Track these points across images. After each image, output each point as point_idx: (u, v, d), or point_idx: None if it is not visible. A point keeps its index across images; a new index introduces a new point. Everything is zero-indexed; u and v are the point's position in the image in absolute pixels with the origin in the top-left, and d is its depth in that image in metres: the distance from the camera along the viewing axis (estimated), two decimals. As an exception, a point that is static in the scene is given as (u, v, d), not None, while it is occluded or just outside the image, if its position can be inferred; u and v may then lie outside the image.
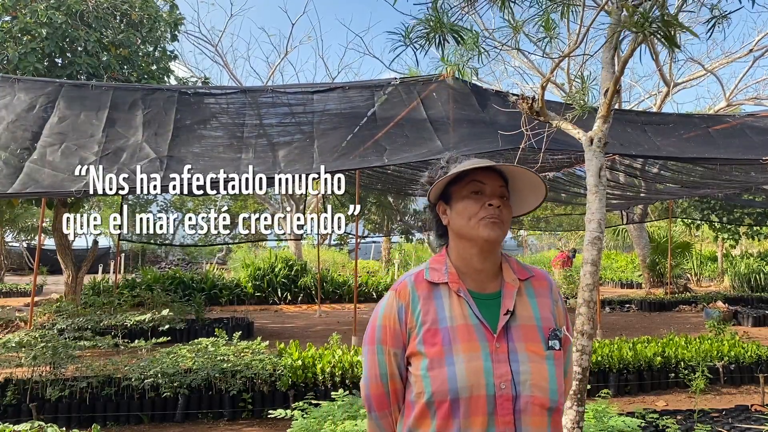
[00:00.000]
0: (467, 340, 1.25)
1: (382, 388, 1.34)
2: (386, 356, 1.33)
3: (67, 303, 9.37)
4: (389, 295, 1.36)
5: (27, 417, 4.56)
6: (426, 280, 1.34)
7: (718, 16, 2.58)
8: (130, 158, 5.52)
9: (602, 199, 2.57)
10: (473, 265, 1.34)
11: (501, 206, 1.32)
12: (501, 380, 1.22)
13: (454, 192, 1.36)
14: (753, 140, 6.69)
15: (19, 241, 27.00)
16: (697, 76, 16.87)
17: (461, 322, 1.27)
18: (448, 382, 1.22)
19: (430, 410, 1.25)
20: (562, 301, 1.42)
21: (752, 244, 22.18)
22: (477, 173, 1.35)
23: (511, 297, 1.31)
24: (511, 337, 1.27)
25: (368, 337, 1.38)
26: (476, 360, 1.23)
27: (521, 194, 1.43)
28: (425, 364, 1.26)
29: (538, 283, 1.38)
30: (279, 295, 14.73)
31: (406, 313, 1.31)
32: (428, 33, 2.59)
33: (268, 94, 6.53)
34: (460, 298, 1.30)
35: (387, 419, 1.36)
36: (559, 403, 1.27)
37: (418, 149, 5.83)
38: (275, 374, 5.22)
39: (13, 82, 6.23)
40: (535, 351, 1.27)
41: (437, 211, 1.42)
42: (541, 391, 1.24)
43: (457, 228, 1.35)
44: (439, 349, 1.25)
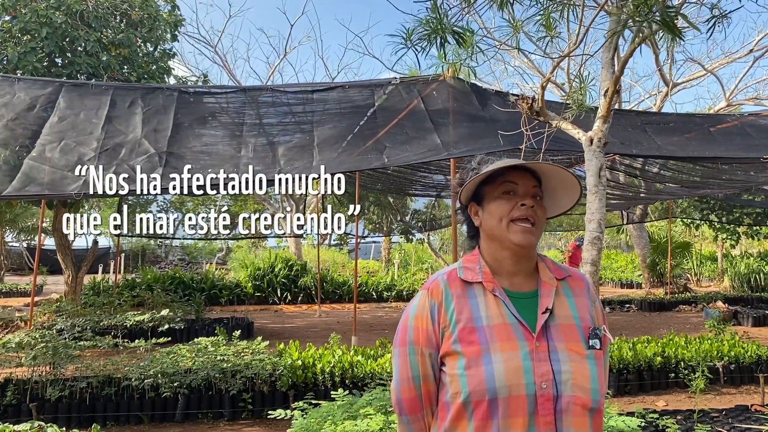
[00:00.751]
0: (506, 339, 1.22)
1: (415, 390, 1.30)
2: (419, 357, 1.29)
3: (67, 303, 9.37)
4: (420, 295, 1.33)
5: (27, 417, 4.56)
6: (460, 278, 1.31)
7: (718, 15, 2.58)
8: (129, 154, 5.51)
9: (602, 199, 2.57)
10: (507, 267, 1.32)
11: (534, 206, 1.30)
12: (542, 380, 1.19)
13: (486, 192, 1.34)
14: (753, 139, 6.69)
15: (19, 241, 26.99)
16: (697, 76, 16.87)
17: (499, 321, 1.24)
18: (486, 382, 1.19)
19: (467, 411, 1.21)
20: (599, 302, 1.39)
21: (752, 244, 22.18)
22: (509, 173, 1.32)
23: (549, 296, 1.28)
24: (551, 336, 1.24)
25: (399, 339, 1.33)
26: (515, 359, 1.20)
27: (555, 194, 1.40)
28: (462, 363, 1.22)
29: (575, 283, 1.35)
30: (279, 295, 14.73)
31: (439, 312, 1.28)
32: (429, 35, 2.59)
33: (267, 93, 6.53)
34: (496, 298, 1.27)
35: (419, 423, 1.32)
36: (600, 403, 1.24)
37: (419, 149, 5.83)
38: (275, 374, 5.21)
39: (13, 81, 6.23)
40: (576, 350, 1.24)
41: (469, 213, 1.39)
42: (583, 392, 1.21)
43: (489, 229, 1.32)
44: (477, 348, 1.22)
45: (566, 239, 30.90)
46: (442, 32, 2.58)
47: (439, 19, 2.55)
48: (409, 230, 16.71)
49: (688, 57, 15.88)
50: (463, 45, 2.75)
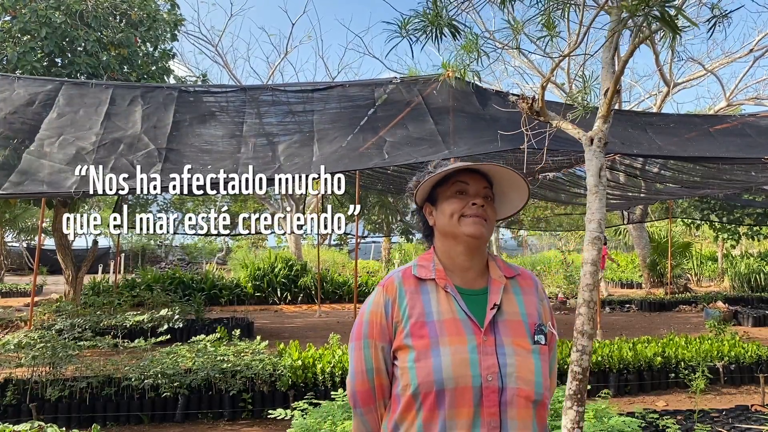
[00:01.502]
0: (455, 333, 1.28)
1: (368, 383, 1.35)
2: (372, 350, 1.35)
3: (67, 303, 9.37)
4: (376, 291, 1.39)
5: (27, 417, 4.56)
6: (413, 276, 1.37)
7: (719, 15, 2.58)
8: (128, 149, 5.49)
9: (602, 199, 2.56)
10: (459, 263, 1.38)
11: (485, 205, 1.36)
12: (488, 372, 1.24)
13: (439, 193, 1.41)
14: (754, 140, 6.69)
15: (19, 241, 26.98)
16: (697, 76, 16.87)
17: (449, 316, 1.30)
18: (434, 373, 1.24)
19: (416, 402, 1.26)
20: (547, 300, 1.45)
21: (752, 244, 22.17)
22: (461, 174, 1.39)
23: (497, 292, 1.34)
24: (498, 331, 1.29)
25: (355, 333, 1.39)
26: (463, 352, 1.25)
27: (505, 196, 1.47)
28: (412, 356, 1.27)
29: (524, 281, 1.41)
30: (279, 295, 14.72)
31: (393, 308, 1.33)
32: (425, 26, 2.58)
33: (267, 92, 6.52)
34: (447, 294, 1.33)
35: (372, 415, 1.37)
36: (544, 396, 1.29)
37: (419, 149, 5.82)
38: (275, 374, 5.21)
39: (13, 80, 6.22)
40: (521, 345, 1.29)
41: (424, 213, 1.46)
42: (527, 384, 1.26)
43: (442, 226, 1.39)
44: (426, 341, 1.27)
45: (566, 239, 30.88)
46: (438, 24, 2.58)
47: (437, 11, 2.54)
48: (409, 230, 16.70)
49: (688, 57, 15.85)
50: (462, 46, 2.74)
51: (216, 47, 20.74)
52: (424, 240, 1.50)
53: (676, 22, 2.10)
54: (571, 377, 2.51)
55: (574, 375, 2.50)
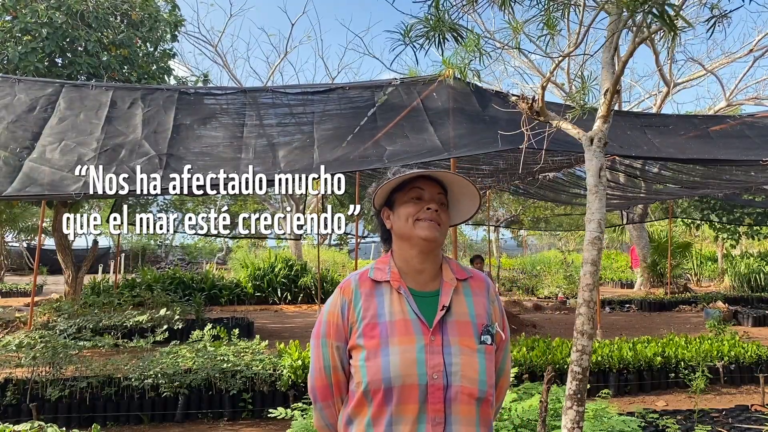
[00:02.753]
0: (404, 333, 1.34)
1: (326, 380, 1.43)
2: (330, 349, 1.42)
3: (67, 303, 9.37)
4: (335, 293, 1.46)
5: (27, 417, 4.56)
6: (370, 278, 1.43)
7: (719, 15, 2.58)
8: (129, 155, 5.51)
9: (602, 199, 2.57)
10: (414, 266, 1.43)
11: (438, 210, 1.42)
12: (434, 371, 1.30)
13: (397, 198, 1.47)
14: (753, 141, 6.69)
15: (19, 241, 27.00)
16: (697, 76, 16.88)
17: (400, 317, 1.36)
18: (382, 372, 1.30)
19: (366, 398, 1.33)
20: (499, 302, 1.51)
21: (752, 244, 22.17)
22: (417, 181, 1.45)
23: (447, 294, 1.40)
24: (446, 331, 1.35)
25: (315, 332, 1.46)
26: (410, 352, 1.31)
27: (459, 203, 1.53)
28: (363, 355, 1.34)
29: (475, 283, 1.47)
30: (279, 295, 14.72)
31: (349, 309, 1.40)
32: (428, 32, 2.59)
33: (268, 94, 6.53)
34: (400, 295, 1.39)
35: (330, 409, 1.45)
36: (488, 393, 1.36)
37: (419, 149, 5.82)
38: (275, 374, 5.21)
39: (14, 82, 6.22)
40: (467, 345, 1.35)
41: (382, 217, 1.51)
42: (471, 382, 1.32)
43: (398, 229, 1.44)
44: (377, 341, 1.34)
45: (566, 239, 30.88)
46: (441, 30, 2.58)
47: (439, 16, 2.55)
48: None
49: (688, 57, 15.87)
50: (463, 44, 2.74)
51: (216, 47, 20.77)
52: (381, 243, 1.56)
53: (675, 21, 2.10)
54: (571, 377, 2.52)
55: (574, 375, 2.51)
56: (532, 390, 4.06)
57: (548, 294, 16.00)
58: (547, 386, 2.98)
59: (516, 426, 3.29)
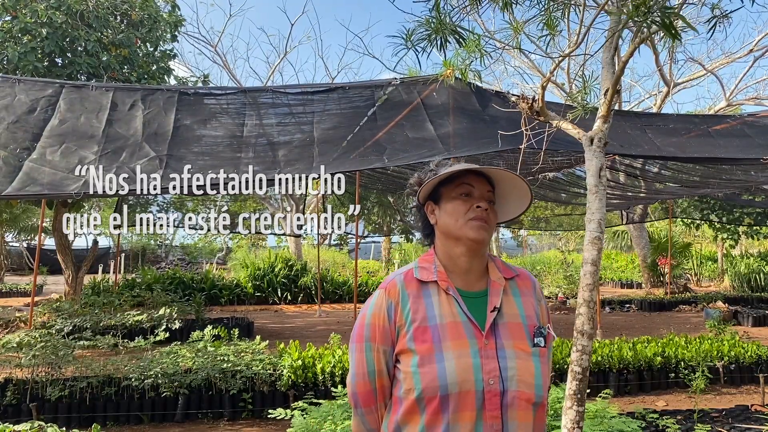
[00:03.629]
0: (456, 337, 1.29)
1: (370, 385, 1.36)
2: (374, 353, 1.35)
3: (67, 303, 9.37)
4: (378, 294, 1.39)
5: (27, 417, 4.56)
6: (415, 278, 1.37)
7: (719, 15, 2.58)
8: (130, 157, 5.51)
9: (602, 199, 2.57)
10: (460, 265, 1.38)
11: (488, 209, 1.37)
12: (489, 376, 1.26)
13: (444, 193, 1.41)
14: (753, 140, 6.69)
15: (19, 241, 26.99)
16: (697, 76, 16.87)
17: (450, 319, 1.31)
18: (438, 379, 1.25)
19: (419, 406, 1.27)
20: (544, 300, 1.46)
21: (752, 244, 22.17)
22: (467, 176, 1.40)
23: (497, 294, 1.35)
24: (499, 334, 1.31)
25: (356, 335, 1.40)
26: (465, 357, 1.26)
27: (507, 200, 1.48)
28: (415, 360, 1.28)
29: (522, 282, 1.42)
30: (279, 295, 14.72)
31: (396, 311, 1.34)
32: (429, 35, 2.59)
33: (268, 94, 6.53)
34: (449, 296, 1.34)
35: (373, 415, 1.39)
36: (544, 398, 1.31)
37: (419, 149, 5.82)
38: (275, 374, 5.21)
39: (14, 82, 6.22)
40: (521, 348, 1.31)
41: (425, 211, 1.46)
42: (527, 387, 1.28)
43: (445, 227, 1.39)
44: (429, 346, 1.28)
45: (566, 239, 30.88)
46: (442, 32, 2.58)
47: (440, 19, 2.55)
48: (409, 230, 16.70)
49: (688, 57, 15.87)
50: (465, 46, 2.74)
51: (215, 48, 20.79)
52: (423, 238, 1.50)
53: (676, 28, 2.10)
54: (571, 377, 2.52)
55: (574, 375, 2.51)
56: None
57: (548, 294, 16.01)
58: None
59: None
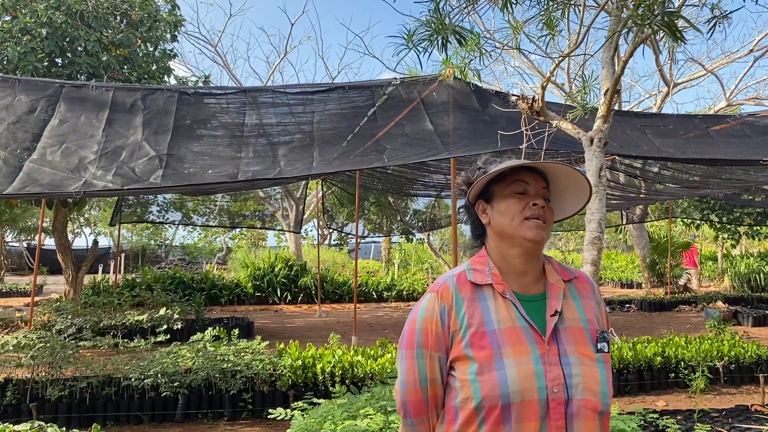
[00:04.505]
0: (517, 343, 1.22)
1: (421, 393, 1.29)
2: (427, 360, 1.28)
3: (67, 303, 9.37)
4: (429, 297, 1.31)
5: (27, 417, 4.56)
6: (469, 281, 1.30)
7: (719, 15, 2.58)
8: (130, 157, 5.52)
9: (602, 199, 2.57)
10: (516, 267, 1.31)
11: (545, 207, 1.30)
12: (554, 384, 1.19)
13: (496, 191, 1.34)
14: (753, 140, 6.69)
15: (19, 241, 27.00)
16: (697, 76, 16.88)
17: (509, 324, 1.24)
18: (499, 387, 1.18)
19: (478, 416, 1.20)
20: (603, 303, 1.39)
21: (752, 244, 22.18)
22: (521, 173, 1.33)
23: (557, 298, 1.28)
24: (561, 340, 1.24)
25: (406, 341, 1.32)
26: (527, 364, 1.20)
27: (563, 197, 1.40)
28: (474, 368, 1.21)
29: (581, 285, 1.35)
30: (279, 295, 14.72)
31: (449, 316, 1.27)
32: (430, 35, 2.59)
33: (268, 94, 6.53)
34: (506, 300, 1.27)
35: (424, 425, 1.32)
36: (609, 406, 1.25)
37: (419, 149, 5.83)
38: (275, 374, 5.21)
39: (14, 83, 6.22)
40: (585, 354, 1.24)
41: (476, 210, 1.39)
42: (593, 395, 1.21)
43: (499, 227, 1.32)
44: (489, 352, 1.21)
45: (566, 239, 30.89)
46: (443, 32, 2.58)
47: (440, 19, 2.55)
48: (409, 230, 16.71)
49: (688, 57, 15.87)
50: (465, 46, 2.75)
51: (215, 47, 20.78)
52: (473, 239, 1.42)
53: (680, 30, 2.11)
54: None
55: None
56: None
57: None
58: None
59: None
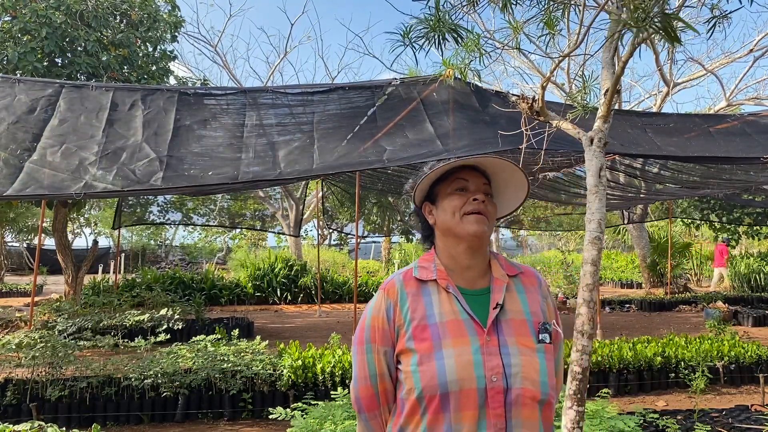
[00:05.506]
0: (457, 335, 1.26)
1: (372, 388, 1.34)
2: (375, 355, 1.33)
3: (67, 303, 9.37)
4: (378, 295, 1.37)
5: (27, 417, 4.56)
6: (415, 278, 1.35)
7: (719, 15, 2.58)
8: (130, 158, 5.52)
9: (602, 199, 2.57)
10: (461, 262, 1.36)
11: (485, 201, 1.34)
12: (492, 373, 1.22)
13: (439, 191, 1.39)
14: (754, 139, 6.69)
15: (19, 241, 27.01)
16: (697, 76, 16.87)
17: (451, 317, 1.28)
18: (437, 377, 1.22)
19: (420, 406, 1.24)
20: (551, 297, 1.43)
21: (752, 244, 22.18)
22: (461, 171, 1.38)
23: (500, 291, 1.32)
24: (502, 331, 1.28)
25: (357, 338, 1.38)
26: (466, 354, 1.23)
27: (505, 192, 1.45)
28: (415, 359, 1.25)
29: (527, 279, 1.39)
30: (279, 295, 14.72)
31: (395, 311, 1.32)
32: (427, 32, 2.59)
33: (268, 94, 6.53)
34: (449, 295, 1.31)
35: (377, 420, 1.36)
36: (550, 396, 1.28)
37: (418, 149, 5.83)
38: (275, 374, 5.21)
39: (14, 82, 6.22)
40: (525, 344, 1.27)
41: (423, 212, 1.44)
42: (533, 384, 1.24)
43: (443, 225, 1.37)
44: (429, 344, 1.25)
45: (566, 239, 30.88)
46: (441, 30, 2.58)
47: (438, 17, 2.55)
48: (409, 230, 16.70)
49: (688, 57, 15.86)
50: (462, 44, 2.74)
51: (215, 48, 20.77)
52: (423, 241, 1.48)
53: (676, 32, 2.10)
54: (571, 377, 2.52)
55: (574, 375, 2.51)
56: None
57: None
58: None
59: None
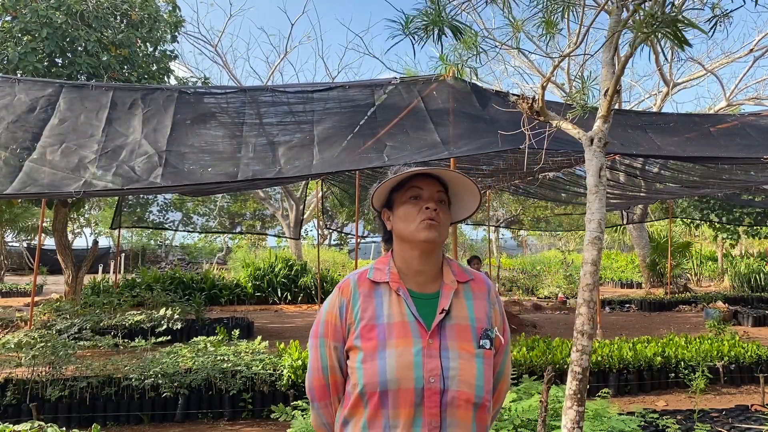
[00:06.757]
0: (401, 336, 1.32)
1: (323, 380, 1.42)
2: (327, 349, 1.41)
3: (67, 303, 9.37)
4: (334, 293, 1.45)
5: (27, 417, 4.56)
6: (369, 279, 1.42)
7: (720, 15, 2.57)
8: (129, 155, 5.51)
9: (602, 199, 2.56)
10: (414, 267, 1.41)
11: (438, 209, 1.39)
12: (430, 374, 1.29)
13: (396, 198, 1.45)
14: (754, 139, 6.68)
15: (19, 241, 27.01)
16: (697, 76, 16.87)
17: (398, 319, 1.35)
18: (378, 375, 1.29)
19: (362, 401, 1.32)
20: (500, 304, 1.49)
21: (752, 243, 22.18)
22: (416, 180, 1.43)
23: (447, 297, 1.38)
24: (444, 335, 1.34)
25: (313, 331, 1.45)
26: (408, 355, 1.30)
27: (460, 199, 1.50)
28: (360, 357, 1.33)
29: (476, 286, 1.45)
30: (279, 295, 14.72)
31: (347, 310, 1.39)
32: (426, 26, 2.58)
33: (267, 93, 6.53)
34: (399, 297, 1.38)
35: (327, 409, 1.44)
36: (485, 399, 1.34)
37: (419, 148, 5.82)
38: (275, 374, 5.21)
39: (14, 82, 6.22)
40: (465, 349, 1.34)
41: (382, 218, 1.50)
42: (468, 387, 1.31)
43: (399, 231, 1.42)
44: (374, 343, 1.33)
45: (566, 239, 30.88)
46: (440, 24, 2.57)
47: (438, 11, 2.54)
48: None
49: (688, 57, 15.84)
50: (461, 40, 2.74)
51: (215, 47, 20.78)
52: (383, 244, 1.54)
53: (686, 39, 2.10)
54: (571, 377, 2.51)
55: (574, 375, 2.50)
56: (532, 389, 4.06)
57: (548, 294, 16.01)
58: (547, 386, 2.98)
59: (516, 426, 3.29)
